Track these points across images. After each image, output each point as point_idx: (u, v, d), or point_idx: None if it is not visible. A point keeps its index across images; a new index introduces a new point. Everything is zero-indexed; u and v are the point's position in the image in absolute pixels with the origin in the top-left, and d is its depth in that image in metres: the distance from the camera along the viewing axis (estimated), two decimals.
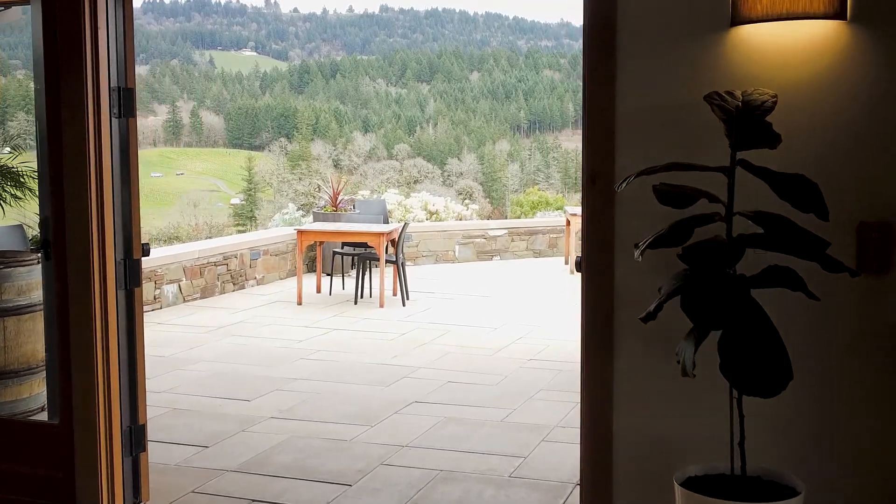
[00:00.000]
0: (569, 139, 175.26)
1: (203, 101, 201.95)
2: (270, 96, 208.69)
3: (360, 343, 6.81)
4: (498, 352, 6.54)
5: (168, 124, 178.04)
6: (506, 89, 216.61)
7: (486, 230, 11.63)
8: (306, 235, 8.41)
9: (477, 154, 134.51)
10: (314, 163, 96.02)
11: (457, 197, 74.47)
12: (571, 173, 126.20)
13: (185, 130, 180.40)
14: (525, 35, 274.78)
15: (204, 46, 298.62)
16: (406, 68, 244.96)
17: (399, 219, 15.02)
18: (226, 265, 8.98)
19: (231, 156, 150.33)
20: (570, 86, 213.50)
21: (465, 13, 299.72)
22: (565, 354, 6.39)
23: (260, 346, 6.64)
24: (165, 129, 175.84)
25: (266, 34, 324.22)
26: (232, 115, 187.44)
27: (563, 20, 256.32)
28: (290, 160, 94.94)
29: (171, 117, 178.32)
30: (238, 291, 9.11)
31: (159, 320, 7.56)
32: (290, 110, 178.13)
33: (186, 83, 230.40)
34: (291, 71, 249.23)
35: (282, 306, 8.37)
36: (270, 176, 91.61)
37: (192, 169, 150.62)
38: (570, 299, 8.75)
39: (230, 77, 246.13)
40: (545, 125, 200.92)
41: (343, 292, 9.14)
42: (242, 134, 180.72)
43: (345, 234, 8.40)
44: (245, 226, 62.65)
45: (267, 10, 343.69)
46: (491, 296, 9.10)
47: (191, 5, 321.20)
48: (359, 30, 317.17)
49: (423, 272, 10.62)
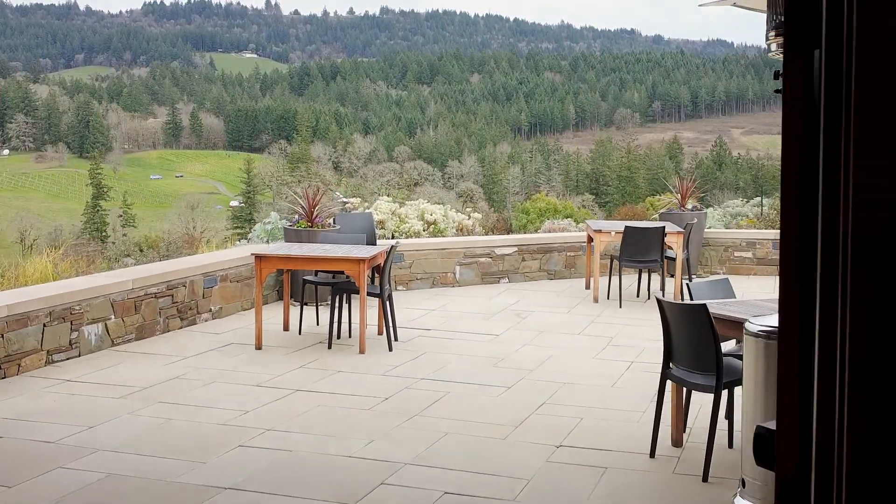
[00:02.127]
0: (570, 141, 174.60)
1: (203, 103, 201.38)
2: (270, 98, 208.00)
3: (327, 416, 5.06)
4: (514, 431, 4.79)
5: (167, 126, 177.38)
6: (506, 91, 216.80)
7: (492, 247, 9.88)
8: (267, 262, 6.66)
9: (477, 156, 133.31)
10: (314, 165, 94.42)
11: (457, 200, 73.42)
12: (573, 176, 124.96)
13: (184, 132, 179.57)
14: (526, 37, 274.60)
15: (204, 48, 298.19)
16: (406, 70, 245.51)
17: (394, 230, 13.30)
18: (171, 296, 7.23)
19: (231, 158, 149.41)
20: (572, 88, 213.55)
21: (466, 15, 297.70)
22: (607, 435, 4.64)
23: (189, 422, 4.89)
24: (165, 132, 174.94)
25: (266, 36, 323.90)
26: (232, 117, 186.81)
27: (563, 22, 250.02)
28: (289, 162, 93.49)
29: (170, 119, 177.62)
30: (187, 329, 7.35)
31: (68, 376, 5.81)
32: (290, 112, 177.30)
33: (186, 85, 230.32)
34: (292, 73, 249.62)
35: (236, 351, 6.62)
36: (270, 178, 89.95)
37: (191, 171, 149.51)
38: (600, 338, 6.99)
39: (230, 79, 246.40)
40: (546, 127, 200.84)
41: (316, 329, 7.38)
42: (242, 136, 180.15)
43: (316, 260, 6.65)
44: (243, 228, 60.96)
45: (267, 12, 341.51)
46: (500, 334, 7.35)
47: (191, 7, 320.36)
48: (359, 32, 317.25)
49: (416, 299, 8.87)
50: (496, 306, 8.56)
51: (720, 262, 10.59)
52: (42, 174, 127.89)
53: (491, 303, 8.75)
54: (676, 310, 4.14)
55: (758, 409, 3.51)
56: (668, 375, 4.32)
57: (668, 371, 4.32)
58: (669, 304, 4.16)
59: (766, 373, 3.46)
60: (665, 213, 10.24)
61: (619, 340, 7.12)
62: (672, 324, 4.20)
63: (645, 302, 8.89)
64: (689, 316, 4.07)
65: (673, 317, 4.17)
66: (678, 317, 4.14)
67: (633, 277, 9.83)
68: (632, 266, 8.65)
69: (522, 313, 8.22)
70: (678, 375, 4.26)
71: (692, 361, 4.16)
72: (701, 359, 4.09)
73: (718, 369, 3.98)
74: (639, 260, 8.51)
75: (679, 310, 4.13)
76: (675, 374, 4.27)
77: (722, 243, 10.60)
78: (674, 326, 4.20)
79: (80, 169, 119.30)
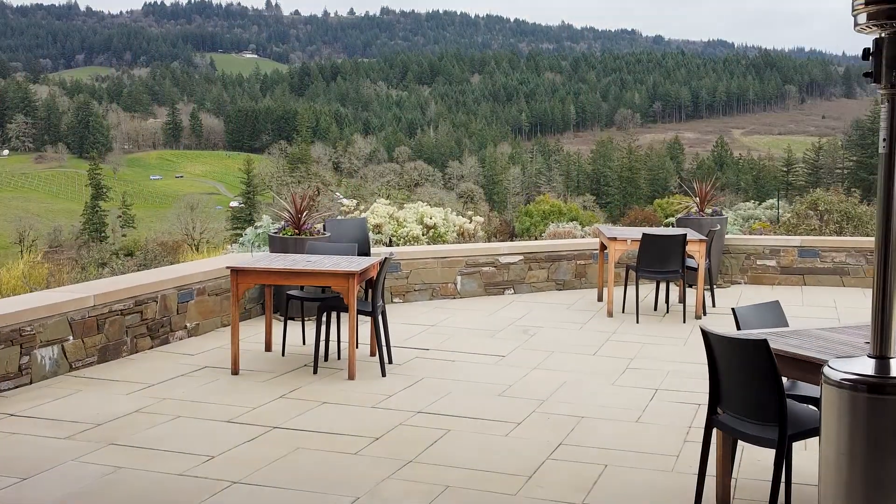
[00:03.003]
0: (570, 142, 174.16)
1: (203, 104, 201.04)
2: (271, 99, 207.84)
3: (305, 463, 4.30)
4: (526, 483, 4.03)
5: (167, 127, 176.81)
6: (507, 92, 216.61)
7: (497, 256, 9.12)
8: (245, 277, 5.90)
9: (478, 157, 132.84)
10: (314, 165, 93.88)
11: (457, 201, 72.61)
12: (574, 176, 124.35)
13: (184, 133, 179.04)
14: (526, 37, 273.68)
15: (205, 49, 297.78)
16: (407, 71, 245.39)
17: (391, 234, 12.56)
18: (139, 312, 6.48)
19: (231, 158, 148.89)
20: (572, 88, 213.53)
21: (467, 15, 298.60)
22: (638, 489, 3.89)
23: (142, 471, 4.13)
24: (165, 132, 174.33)
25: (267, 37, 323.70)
26: (232, 117, 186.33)
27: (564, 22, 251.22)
28: (289, 163, 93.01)
29: (170, 120, 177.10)
30: (158, 349, 6.60)
31: (12, 409, 5.06)
32: (291, 113, 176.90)
33: (187, 85, 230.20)
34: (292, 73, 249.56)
35: (209, 376, 5.87)
36: (270, 179, 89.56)
37: (191, 171, 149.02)
38: (618, 360, 6.24)
39: (230, 79, 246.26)
40: (547, 128, 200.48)
41: (303, 349, 6.63)
42: (242, 136, 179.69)
43: (300, 274, 5.89)
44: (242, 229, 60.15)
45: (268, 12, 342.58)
46: (507, 355, 6.59)
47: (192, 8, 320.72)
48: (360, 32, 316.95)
49: (414, 313, 8.12)
50: (501, 321, 7.82)
51: (741, 271, 9.84)
52: (42, 174, 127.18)
53: (495, 317, 8.00)
54: (728, 344, 3.39)
55: (841, 476, 2.77)
56: (715, 423, 3.57)
57: (714, 418, 3.57)
58: (719, 337, 3.40)
59: (853, 432, 2.71)
60: (683, 219, 9.48)
61: (639, 362, 6.37)
62: (721, 361, 3.45)
63: (663, 316, 8.14)
64: (744, 352, 3.32)
65: (723, 352, 3.42)
66: (730, 353, 3.39)
67: (649, 287, 9.09)
68: (650, 277, 7.90)
69: (530, 329, 7.47)
70: (728, 424, 3.50)
71: (747, 408, 3.40)
72: (759, 406, 3.33)
73: (782, 421, 3.23)
74: (658, 271, 7.76)
75: (731, 345, 3.37)
76: (725, 423, 3.52)
77: (743, 250, 9.84)
78: (723, 364, 3.44)
79: (80, 169, 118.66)
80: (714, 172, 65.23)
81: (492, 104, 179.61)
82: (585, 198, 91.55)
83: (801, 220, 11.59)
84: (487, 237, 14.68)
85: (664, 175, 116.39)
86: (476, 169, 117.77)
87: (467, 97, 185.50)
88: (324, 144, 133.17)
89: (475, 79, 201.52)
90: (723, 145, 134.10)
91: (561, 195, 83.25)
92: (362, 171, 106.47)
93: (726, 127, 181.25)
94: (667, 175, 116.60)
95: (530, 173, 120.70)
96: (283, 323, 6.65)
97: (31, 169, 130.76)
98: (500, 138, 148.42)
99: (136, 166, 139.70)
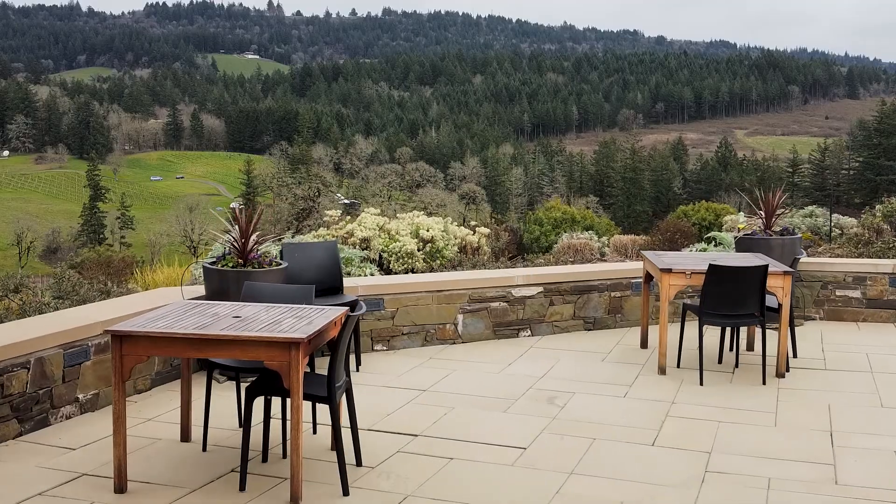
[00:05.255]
0: (573, 142, 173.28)
1: (204, 104, 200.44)
2: (272, 99, 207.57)
3: None
4: None
5: (168, 127, 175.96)
6: (509, 92, 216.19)
7: (509, 287, 7.09)
8: (131, 348, 3.84)
9: (480, 157, 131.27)
10: (315, 166, 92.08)
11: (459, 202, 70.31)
12: (577, 177, 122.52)
13: (185, 133, 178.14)
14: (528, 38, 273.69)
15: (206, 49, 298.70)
16: (409, 71, 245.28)
17: (381, 249, 10.52)
18: (0, 386, 4.46)
19: (232, 159, 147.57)
20: (575, 88, 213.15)
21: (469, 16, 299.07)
22: None
23: None
24: (166, 132, 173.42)
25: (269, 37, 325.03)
26: (233, 118, 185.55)
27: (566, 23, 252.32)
28: (290, 164, 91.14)
29: (171, 120, 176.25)
30: (28, 437, 4.58)
31: None
32: (292, 113, 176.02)
33: (188, 86, 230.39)
34: (293, 74, 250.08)
35: (83, 494, 3.84)
36: (270, 180, 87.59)
37: (192, 172, 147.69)
38: (690, 455, 4.16)
39: (232, 80, 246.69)
40: (549, 128, 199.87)
41: (233, 437, 4.60)
42: (243, 137, 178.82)
43: (213, 343, 3.84)
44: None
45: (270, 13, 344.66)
46: (528, 446, 4.57)
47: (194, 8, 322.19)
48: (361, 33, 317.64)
49: (400, 368, 6.10)
50: (517, 382, 5.79)
51: (816, 304, 7.80)
52: (41, 175, 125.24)
53: (509, 375, 5.98)
54: None
55: None
56: None
57: None
58: None
59: None
60: (746, 239, 7.44)
61: (719, 460, 4.34)
62: None
63: (733, 372, 6.11)
64: None
65: None
66: None
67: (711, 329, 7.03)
68: (721, 323, 5.85)
69: (557, 398, 5.45)
70: None
71: None
72: None
73: None
74: (730, 315, 5.73)
75: None
76: None
77: (818, 277, 7.80)
78: None
79: (80, 170, 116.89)
80: (784, 181, 62.71)
81: (494, 105, 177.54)
82: (589, 199, 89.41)
83: (874, 234, 9.49)
84: (494, 255, 12.60)
85: (668, 176, 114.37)
86: (478, 170, 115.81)
87: (469, 98, 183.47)
88: (325, 145, 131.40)
89: (477, 79, 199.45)
90: (727, 146, 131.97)
91: (564, 197, 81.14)
92: (364, 171, 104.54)
93: (729, 127, 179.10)
94: (671, 176, 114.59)
95: (533, 174, 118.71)
96: (206, 398, 4.60)
97: (31, 170, 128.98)
98: (503, 139, 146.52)
99: (137, 167, 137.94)
